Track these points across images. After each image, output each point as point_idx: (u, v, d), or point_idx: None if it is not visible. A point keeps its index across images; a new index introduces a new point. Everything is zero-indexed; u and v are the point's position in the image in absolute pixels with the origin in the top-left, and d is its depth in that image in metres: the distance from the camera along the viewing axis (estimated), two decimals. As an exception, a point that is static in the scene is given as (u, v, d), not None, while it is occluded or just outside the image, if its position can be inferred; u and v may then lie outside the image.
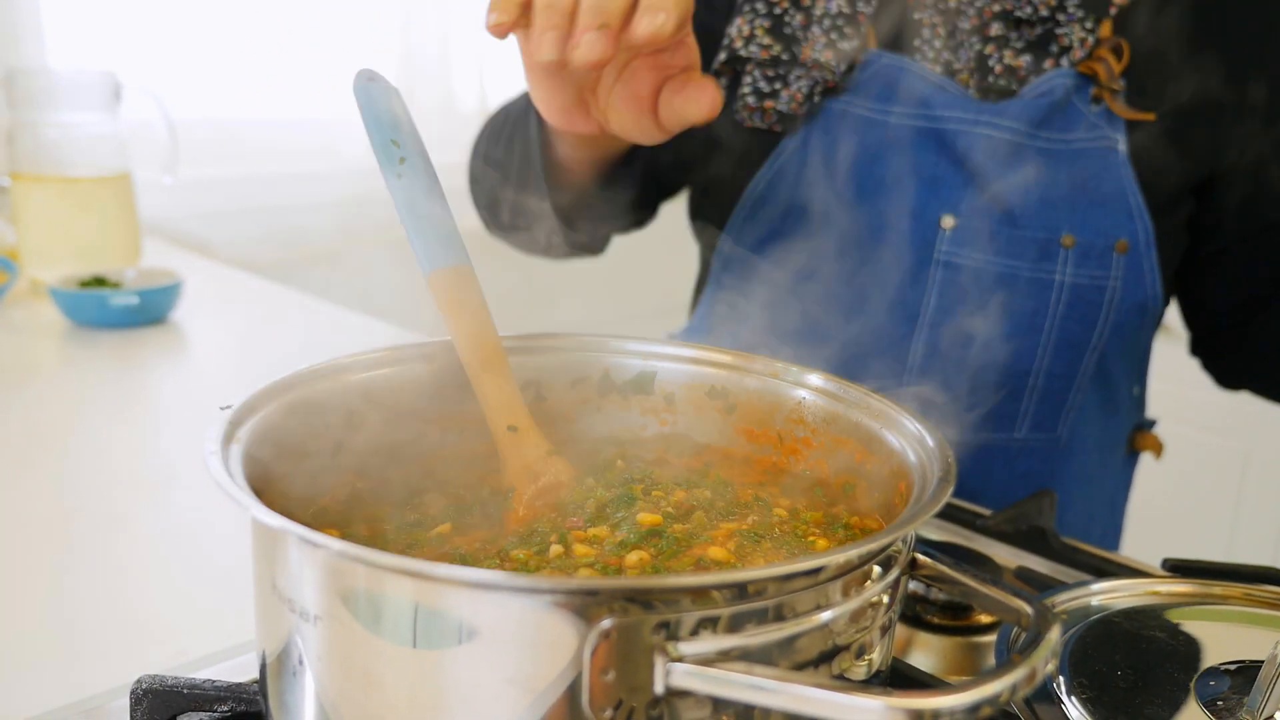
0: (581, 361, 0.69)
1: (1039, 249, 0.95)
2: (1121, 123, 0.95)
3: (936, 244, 0.97)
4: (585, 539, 0.53)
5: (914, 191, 0.97)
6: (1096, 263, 0.96)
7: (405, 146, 0.64)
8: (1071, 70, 0.95)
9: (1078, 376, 1.01)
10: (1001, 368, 0.97)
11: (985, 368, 0.95)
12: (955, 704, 0.36)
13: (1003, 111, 0.95)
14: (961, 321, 0.95)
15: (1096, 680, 0.57)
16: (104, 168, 1.59)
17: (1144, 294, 0.98)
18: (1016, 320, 0.97)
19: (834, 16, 1.00)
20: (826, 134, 1.00)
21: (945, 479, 0.49)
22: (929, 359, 0.97)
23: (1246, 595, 0.68)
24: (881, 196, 0.98)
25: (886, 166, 0.98)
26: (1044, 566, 0.81)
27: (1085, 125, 0.95)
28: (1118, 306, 0.97)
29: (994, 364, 0.95)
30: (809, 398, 0.64)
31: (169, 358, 1.35)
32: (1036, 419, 1.02)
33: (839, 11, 1.00)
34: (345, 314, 1.55)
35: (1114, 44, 0.95)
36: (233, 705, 0.53)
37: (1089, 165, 0.95)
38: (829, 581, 0.42)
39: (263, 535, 0.45)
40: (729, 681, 0.38)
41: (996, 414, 1.01)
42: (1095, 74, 0.95)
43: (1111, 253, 0.95)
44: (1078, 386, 1.01)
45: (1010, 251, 0.96)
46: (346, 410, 0.60)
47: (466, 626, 0.39)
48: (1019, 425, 1.02)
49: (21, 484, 0.92)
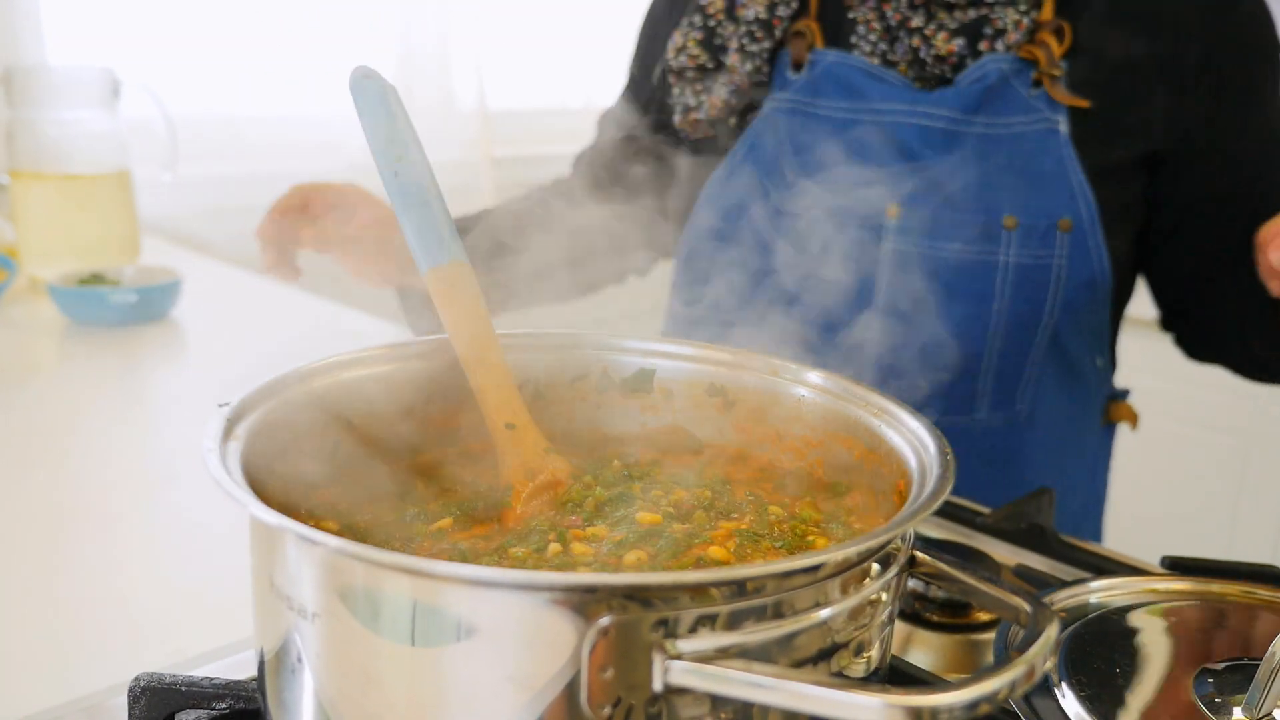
0: (580, 359, 0.69)
1: (981, 232, 0.97)
2: (1063, 105, 0.97)
3: (883, 234, 0.99)
4: (584, 538, 0.53)
5: (859, 183, 0.98)
6: (1040, 242, 0.97)
7: (402, 144, 0.64)
8: (1009, 55, 0.96)
9: (1030, 354, 1.02)
10: (955, 350, 0.99)
11: (939, 352, 0.96)
12: (954, 701, 0.36)
13: (939, 99, 0.97)
14: (912, 308, 0.96)
15: (1095, 678, 0.57)
16: (103, 165, 1.59)
17: (1091, 270, 0.99)
18: (966, 303, 0.99)
19: (750, 23, 1.03)
20: (774, 132, 1.02)
21: (944, 476, 0.49)
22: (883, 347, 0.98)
23: (1246, 593, 0.68)
24: (828, 190, 0.99)
25: (832, 160, 0.99)
26: (1042, 564, 0.81)
27: (1024, 108, 0.97)
28: (1065, 284, 0.99)
29: (947, 347, 0.97)
30: (808, 395, 0.64)
31: (168, 356, 1.35)
32: (995, 399, 1.04)
33: (755, 18, 1.03)
34: (344, 311, 1.55)
35: (1055, 26, 0.96)
36: (231, 703, 0.53)
37: (1029, 147, 0.97)
38: (828, 579, 0.42)
39: (261, 532, 0.45)
40: (727, 679, 0.38)
41: (954, 396, 1.03)
42: (1035, 58, 0.96)
43: (1055, 232, 0.97)
44: (1032, 363, 1.03)
45: (954, 236, 0.98)
46: (345, 408, 0.60)
47: (465, 624, 0.39)
48: (978, 406, 1.04)
49: (20, 482, 0.92)
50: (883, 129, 0.98)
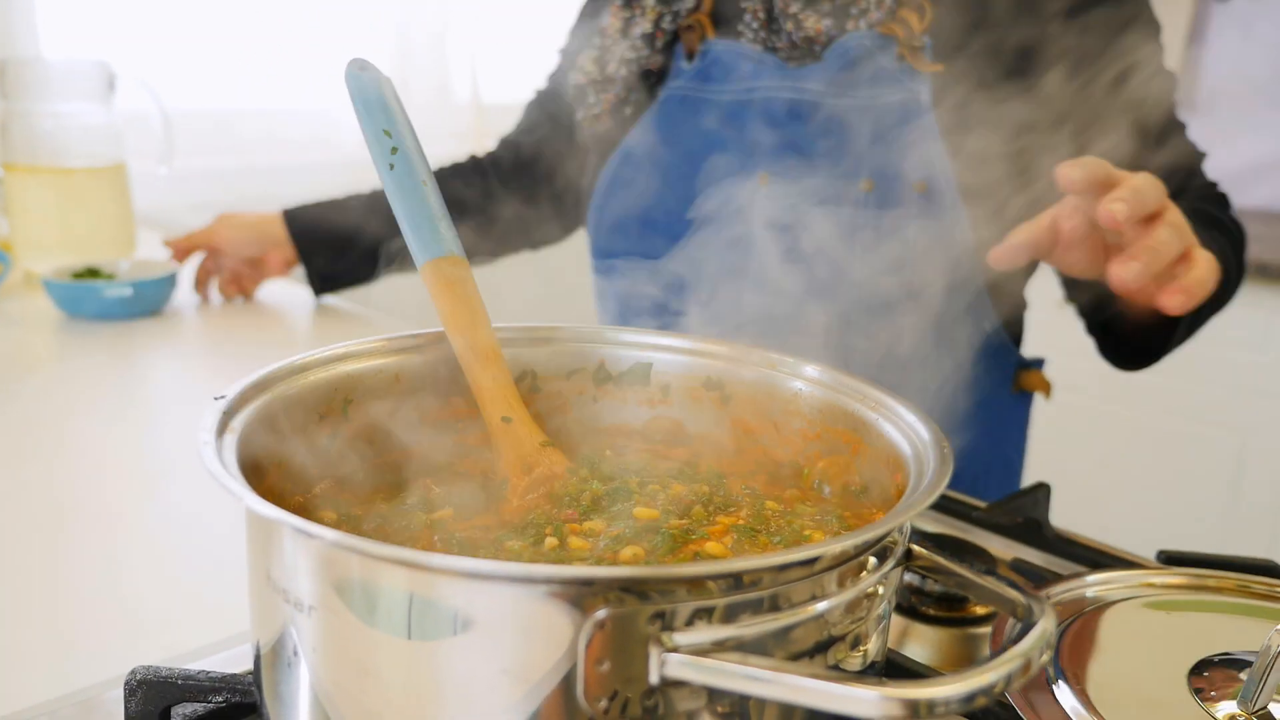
0: (577, 352, 0.69)
1: (842, 194, 1.04)
2: (926, 76, 1.02)
3: (755, 201, 1.05)
4: (580, 532, 0.53)
5: (736, 156, 1.07)
6: (897, 202, 1.04)
7: (398, 137, 0.63)
8: (871, 31, 1.03)
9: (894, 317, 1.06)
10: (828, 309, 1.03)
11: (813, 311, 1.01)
12: (950, 694, 0.36)
13: (807, 74, 1.05)
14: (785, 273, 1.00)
15: (1090, 671, 0.57)
16: (98, 158, 1.59)
17: (950, 230, 1.04)
18: (833, 265, 1.04)
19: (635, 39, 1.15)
20: (664, 119, 1.14)
21: (941, 470, 0.49)
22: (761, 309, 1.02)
23: (1241, 586, 0.68)
24: (709, 166, 1.08)
25: (713, 139, 1.09)
26: (1039, 558, 0.81)
27: (887, 80, 1.03)
28: (924, 242, 1.04)
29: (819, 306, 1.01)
30: (805, 389, 0.64)
31: (163, 350, 1.34)
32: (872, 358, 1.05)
33: (642, 33, 1.15)
34: (340, 304, 1.54)
35: (917, 4, 1.03)
36: (227, 696, 0.53)
37: (890, 116, 1.04)
38: (824, 572, 0.42)
39: (257, 526, 0.45)
40: (724, 672, 0.38)
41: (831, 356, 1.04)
42: (895, 34, 1.03)
43: (909, 192, 1.04)
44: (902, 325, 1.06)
45: (816, 199, 1.04)
46: (341, 401, 0.60)
47: (461, 617, 0.39)
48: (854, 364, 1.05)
49: (15, 476, 0.92)
50: (757, 105, 1.07)
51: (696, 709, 0.40)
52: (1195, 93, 2.79)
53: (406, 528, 0.55)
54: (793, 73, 1.06)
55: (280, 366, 0.57)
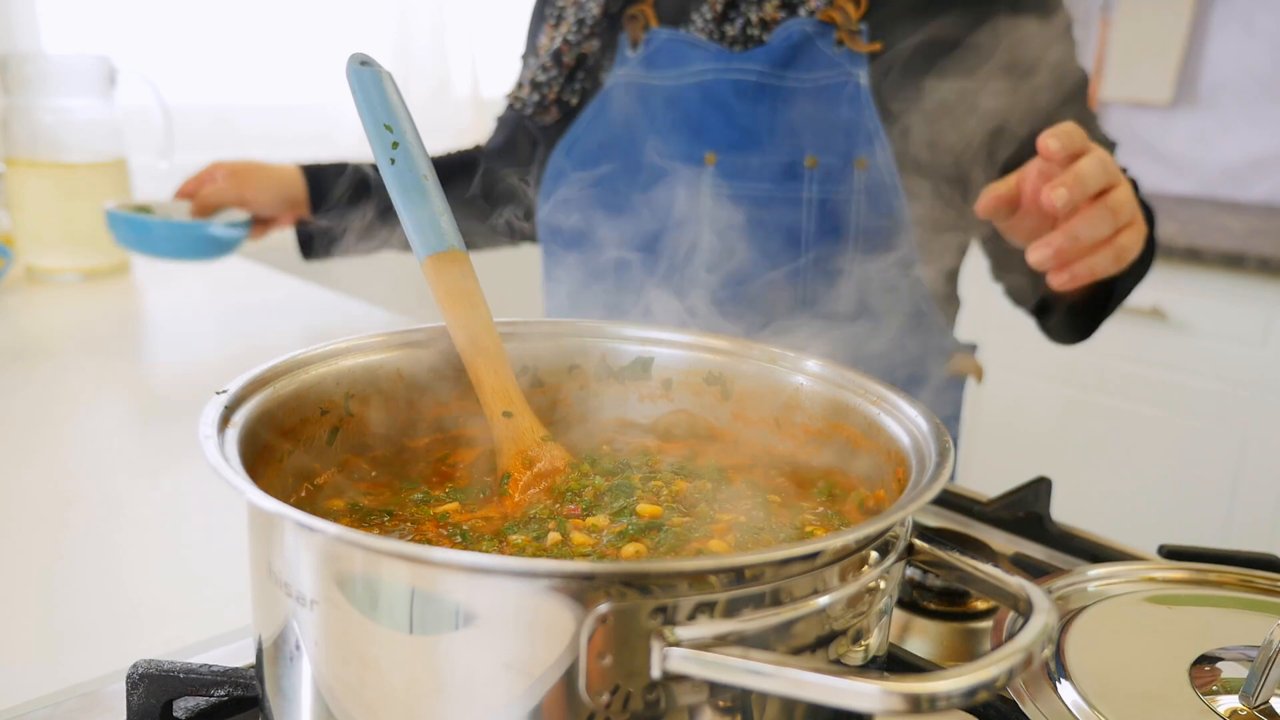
0: (578, 347, 0.69)
1: (785, 171, 1.09)
2: (863, 59, 1.07)
3: (702, 179, 1.10)
4: (583, 528, 0.53)
5: (683, 138, 1.11)
6: (838, 178, 1.08)
7: (399, 131, 0.63)
8: (810, 18, 1.08)
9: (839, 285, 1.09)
10: (773, 286, 1.09)
11: (760, 288, 1.07)
12: (951, 688, 0.36)
13: (750, 57, 1.09)
14: (731, 245, 1.05)
15: (1092, 665, 0.57)
16: (99, 153, 1.59)
17: (890, 206, 1.08)
18: (777, 236, 1.10)
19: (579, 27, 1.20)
20: (610, 106, 1.17)
21: (942, 464, 0.49)
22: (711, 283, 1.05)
23: (1242, 581, 0.68)
24: (657, 148, 1.12)
25: (660, 122, 1.13)
26: (1040, 553, 0.81)
27: (827, 64, 1.08)
28: (865, 217, 1.08)
29: (765, 283, 1.08)
30: (806, 383, 0.64)
31: (165, 346, 1.35)
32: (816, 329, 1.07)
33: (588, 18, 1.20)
34: (341, 299, 1.54)
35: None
36: (229, 690, 0.53)
37: (830, 98, 1.08)
38: (826, 566, 0.42)
39: (259, 520, 0.45)
40: (726, 666, 0.38)
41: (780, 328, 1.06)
42: (834, 20, 1.08)
43: (851, 169, 1.08)
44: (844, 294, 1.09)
45: (762, 176, 1.10)
46: (342, 395, 0.60)
47: (463, 611, 0.39)
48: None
49: (18, 470, 0.92)
50: (702, 88, 1.11)
51: (698, 703, 0.40)
52: (1197, 86, 2.78)
53: (409, 521, 0.55)
54: (737, 56, 1.10)
55: (282, 361, 0.57)
